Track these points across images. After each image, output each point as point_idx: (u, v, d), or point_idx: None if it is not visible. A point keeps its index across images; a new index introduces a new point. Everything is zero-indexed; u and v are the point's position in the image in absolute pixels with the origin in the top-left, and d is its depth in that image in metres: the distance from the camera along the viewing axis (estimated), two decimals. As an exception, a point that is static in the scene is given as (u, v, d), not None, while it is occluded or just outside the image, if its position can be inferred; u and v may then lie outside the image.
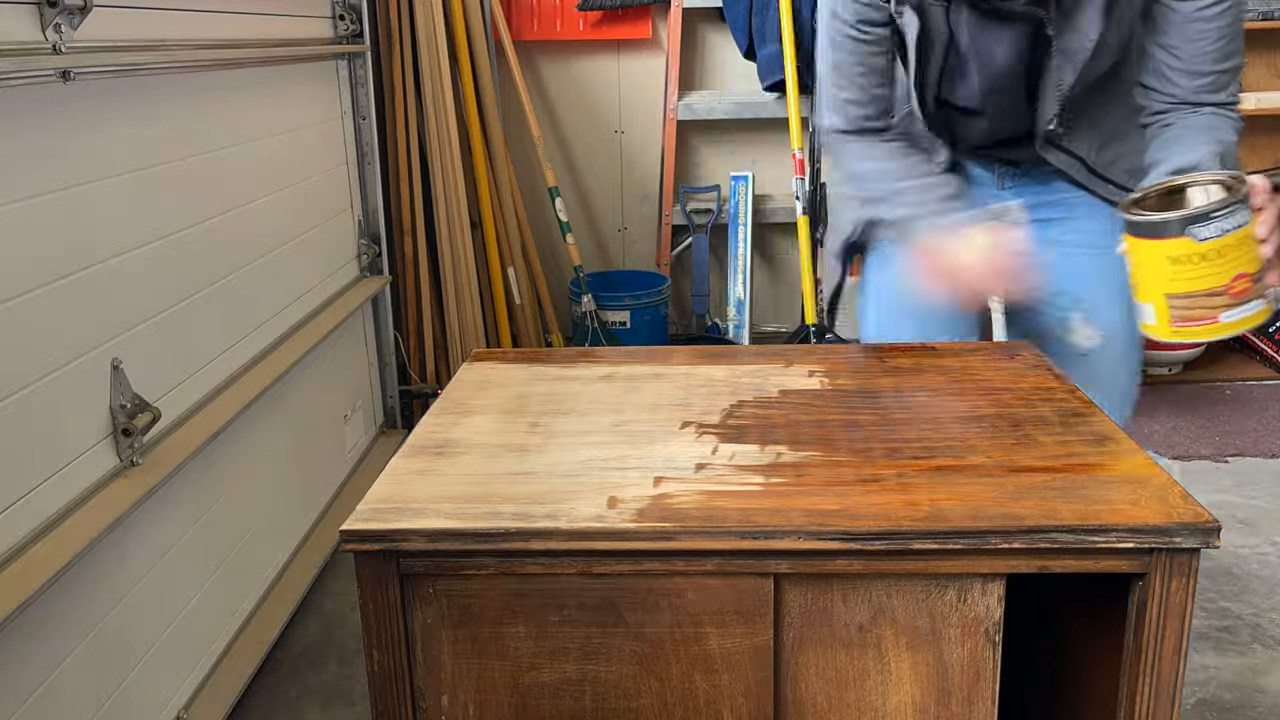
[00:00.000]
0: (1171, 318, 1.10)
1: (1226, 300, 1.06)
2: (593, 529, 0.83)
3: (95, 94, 1.56)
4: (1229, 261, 1.05)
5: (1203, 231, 1.04)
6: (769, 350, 1.29)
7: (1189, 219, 1.05)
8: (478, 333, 3.21)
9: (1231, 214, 1.04)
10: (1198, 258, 1.05)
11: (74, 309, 1.49)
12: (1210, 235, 1.04)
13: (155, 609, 1.70)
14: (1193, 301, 1.08)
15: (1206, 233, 1.04)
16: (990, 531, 0.82)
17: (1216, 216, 1.04)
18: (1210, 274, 1.06)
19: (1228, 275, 1.06)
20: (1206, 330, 1.09)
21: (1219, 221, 1.04)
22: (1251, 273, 1.06)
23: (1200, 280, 1.06)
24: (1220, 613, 2.16)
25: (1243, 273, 1.06)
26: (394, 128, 3.09)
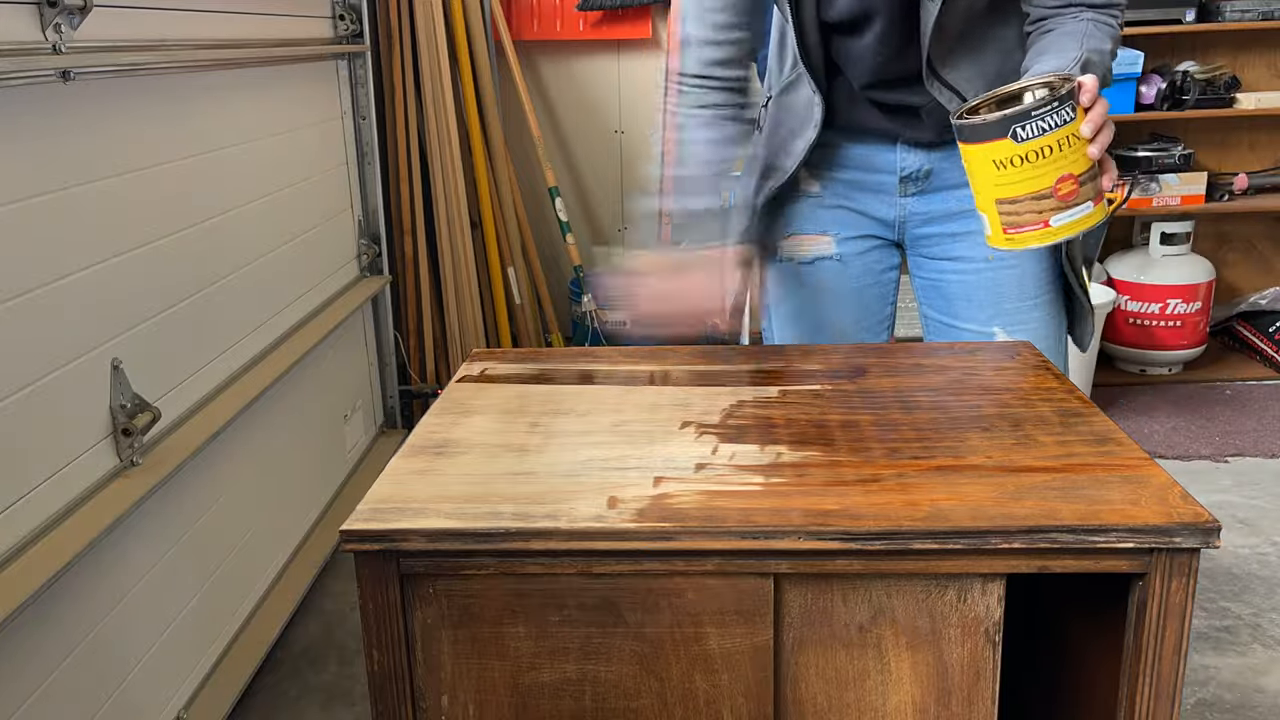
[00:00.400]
0: (1003, 224, 1.07)
1: (1054, 203, 1.04)
2: (593, 529, 0.83)
3: (95, 94, 1.56)
4: (1052, 163, 1.03)
5: (1022, 131, 1.02)
6: (769, 350, 1.29)
7: (1009, 119, 1.02)
8: (478, 333, 3.21)
9: (1051, 113, 1.01)
10: (1019, 159, 1.03)
11: (74, 309, 1.49)
12: (1029, 135, 1.02)
13: (155, 609, 1.70)
14: (1021, 206, 1.05)
15: (1025, 132, 1.02)
16: (990, 531, 0.82)
17: (1035, 115, 1.01)
18: (1034, 176, 1.03)
19: (1052, 177, 1.03)
20: (1037, 235, 1.06)
21: (1038, 120, 1.01)
22: (1077, 174, 1.04)
23: (1025, 183, 1.04)
24: (1220, 613, 2.16)
25: (1068, 173, 1.03)
26: (394, 128, 3.09)
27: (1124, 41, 3.54)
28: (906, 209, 1.43)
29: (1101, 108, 1.07)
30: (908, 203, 1.42)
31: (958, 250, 1.42)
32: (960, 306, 1.43)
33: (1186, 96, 3.26)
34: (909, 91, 1.33)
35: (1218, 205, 3.40)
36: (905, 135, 1.39)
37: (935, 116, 1.34)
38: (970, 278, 1.42)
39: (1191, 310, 3.39)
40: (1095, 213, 1.07)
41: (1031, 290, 1.39)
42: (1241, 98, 3.31)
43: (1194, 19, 3.23)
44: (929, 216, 1.42)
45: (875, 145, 1.41)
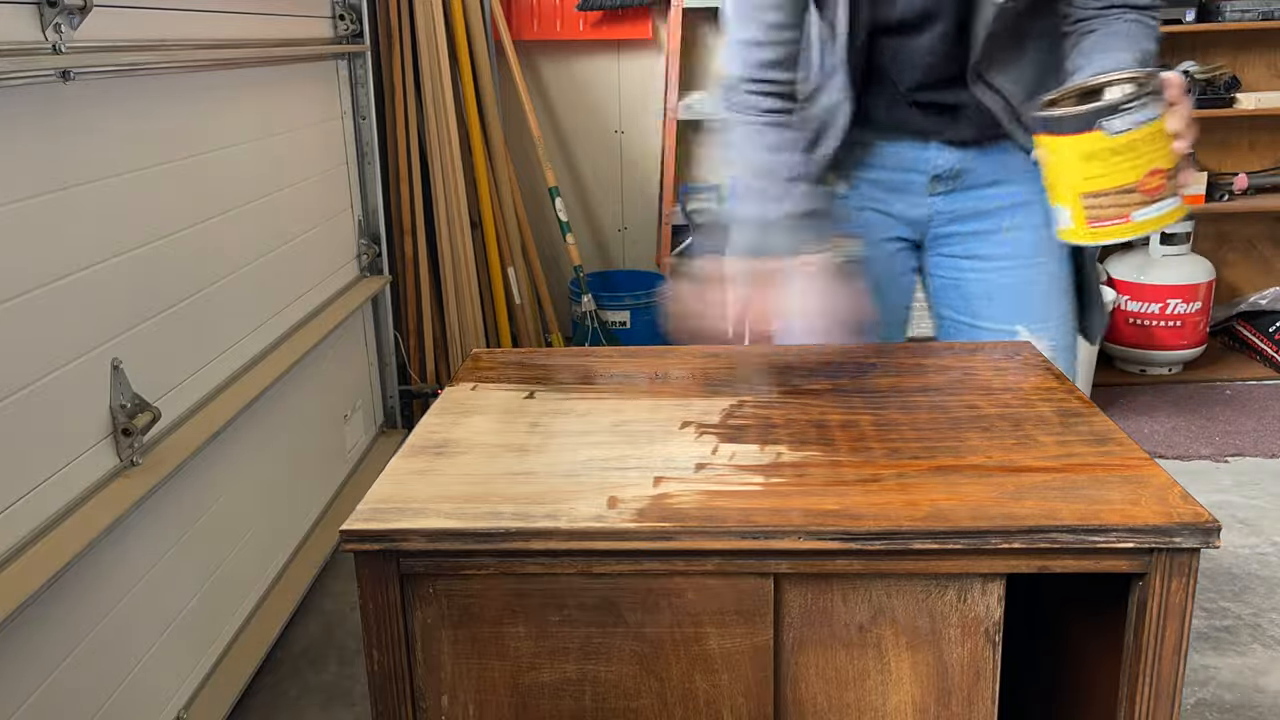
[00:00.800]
0: (1086, 218, 1.07)
1: (1140, 198, 1.04)
2: (593, 529, 0.83)
3: (95, 94, 1.56)
4: (1141, 156, 1.02)
5: (1114, 124, 1.01)
6: (769, 350, 1.29)
7: (1100, 111, 1.02)
8: (478, 333, 3.21)
9: (1143, 106, 1.01)
10: (1109, 152, 1.02)
11: (74, 309, 1.49)
12: (1121, 128, 1.02)
13: (155, 609, 1.70)
14: (1106, 200, 1.05)
15: (1117, 125, 1.01)
16: (990, 531, 0.82)
17: (1127, 109, 1.01)
18: (1123, 169, 1.03)
19: (1141, 170, 1.03)
20: (1120, 229, 1.06)
21: (1130, 114, 1.01)
22: (1165, 169, 1.04)
23: (1113, 177, 1.04)
24: (1220, 613, 2.16)
25: (1157, 168, 1.03)
26: (394, 128, 3.09)
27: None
28: (933, 208, 1.42)
29: (1188, 104, 1.07)
30: (935, 201, 1.42)
31: (980, 249, 1.41)
32: (981, 305, 1.42)
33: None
34: (952, 92, 1.33)
35: (1218, 205, 3.40)
36: (943, 134, 1.38)
37: (975, 115, 1.34)
38: (991, 276, 1.41)
39: (1191, 310, 3.39)
40: (1178, 209, 1.07)
41: (1055, 291, 1.40)
42: (1241, 98, 3.31)
43: (1194, 19, 3.23)
44: (954, 215, 1.42)
45: (909, 143, 1.40)
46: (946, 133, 1.38)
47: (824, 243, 1.26)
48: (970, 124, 1.35)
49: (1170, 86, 1.06)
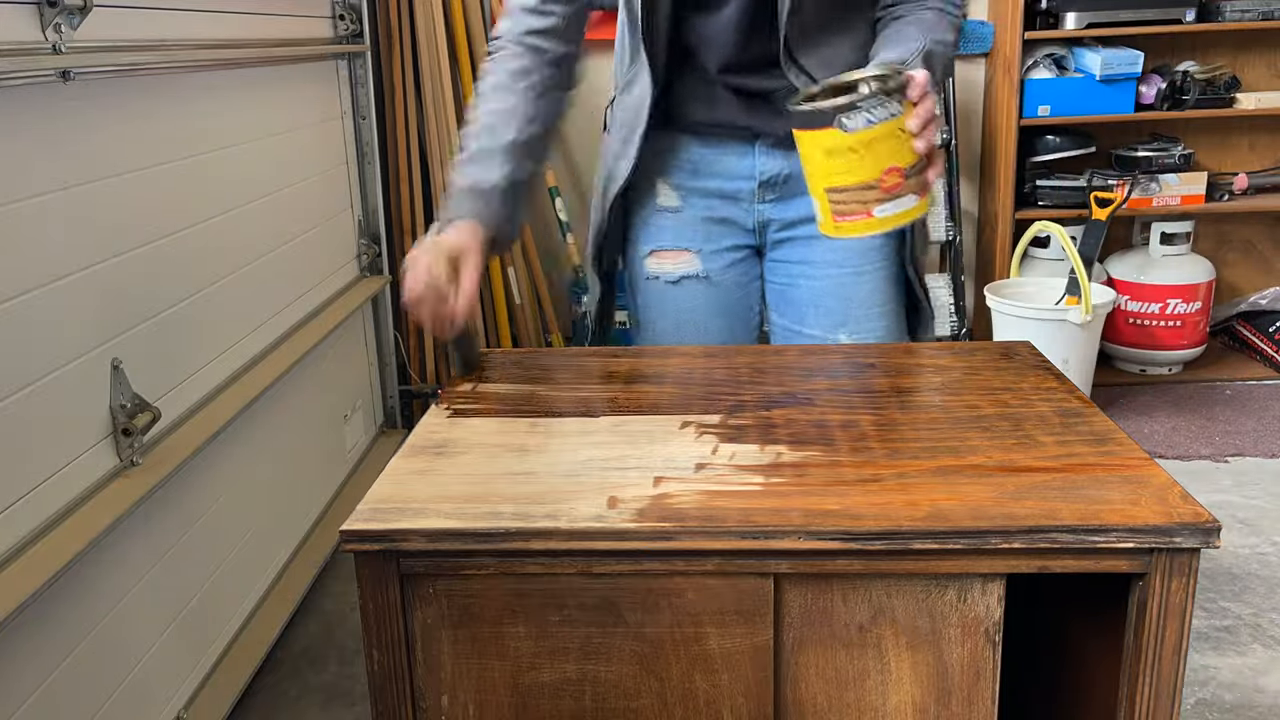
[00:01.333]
0: (832, 212, 1.09)
1: (879, 195, 1.05)
2: (593, 529, 0.83)
3: (95, 94, 1.56)
4: (878, 155, 1.04)
5: (850, 122, 1.03)
6: (769, 350, 1.29)
7: (837, 109, 1.03)
8: (478, 333, 3.21)
9: (880, 105, 1.02)
10: (847, 149, 1.04)
11: (74, 309, 1.49)
12: (857, 126, 1.03)
13: (155, 609, 1.70)
14: (848, 195, 1.07)
15: (853, 123, 1.03)
16: (990, 531, 0.82)
17: (863, 107, 1.02)
18: (861, 167, 1.04)
19: (878, 169, 1.04)
20: (862, 225, 1.08)
21: (866, 113, 1.02)
22: (903, 167, 1.05)
23: (852, 173, 1.05)
24: (1220, 613, 2.16)
25: (894, 166, 1.04)
26: (394, 128, 3.09)
27: (1124, 41, 3.52)
28: (765, 215, 1.42)
29: (930, 103, 1.07)
30: (765, 209, 1.41)
31: (810, 255, 1.41)
32: (808, 313, 1.42)
33: (1186, 96, 3.26)
34: (766, 76, 1.32)
35: (1218, 205, 3.40)
36: (764, 132, 1.37)
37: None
38: (819, 284, 1.41)
39: (1191, 310, 3.39)
40: (919, 206, 1.08)
41: (879, 298, 1.40)
42: (1241, 98, 3.31)
43: (1194, 19, 3.23)
44: (785, 222, 1.42)
45: (732, 146, 1.39)
46: (767, 129, 1.36)
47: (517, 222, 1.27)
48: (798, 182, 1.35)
49: (913, 86, 1.06)
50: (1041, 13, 3.23)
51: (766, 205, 1.41)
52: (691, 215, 1.42)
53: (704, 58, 1.33)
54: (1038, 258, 3.38)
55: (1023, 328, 2.95)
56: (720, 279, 1.43)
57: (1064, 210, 3.31)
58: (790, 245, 1.43)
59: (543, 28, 1.31)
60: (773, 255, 1.45)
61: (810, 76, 1.27)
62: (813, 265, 1.41)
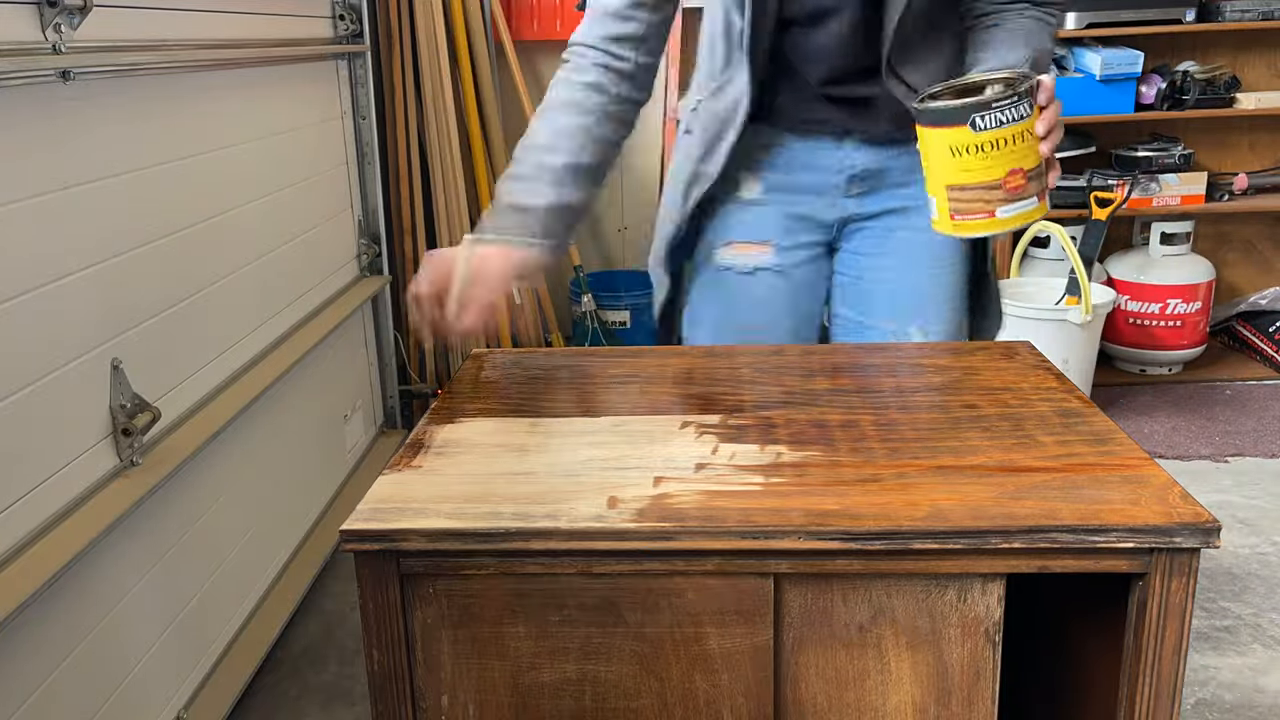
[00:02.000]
0: (951, 210, 1.10)
1: (1002, 195, 1.07)
2: (593, 529, 0.83)
3: (95, 94, 1.56)
4: (1005, 155, 1.05)
5: (981, 121, 1.04)
6: (769, 350, 1.29)
7: (969, 108, 1.05)
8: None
9: (1011, 107, 1.04)
10: (975, 148, 1.05)
11: (74, 309, 1.49)
12: (988, 126, 1.04)
13: (155, 609, 1.70)
14: (970, 194, 1.08)
15: (984, 123, 1.04)
16: (990, 531, 0.82)
17: (995, 108, 1.04)
18: (987, 166, 1.06)
19: (1003, 169, 1.06)
20: (982, 224, 1.09)
21: (997, 113, 1.04)
22: (1027, 169, 1.07)
23: (977, 172, 1.06)
24: (1220, 613, 2.16)
25: (1018, 168, 1.06)
26: (394, 128, 3.09)
27: (1124, 41, 3.52)
28: (848, 210, 1.40)
29: (1056, 107, 1.09)
30: (850, 204, 1.40)
31: (883, 247, 1.40)
32: (881, 305, 1.41)
33: (1186, 96, 3.26)
34: (864, 85, 1.31)
35: (1218, 205, 3.40)
36: (856, 129, 1.35)
37: (888, 108, 1.31)
38: (890, 275, 1.40)
39: (1191, 310, 3.39)
40: (1039, 208, 1.10)
41: (952, 294, 1.40)
42: (1241, 98, 3.31)
43: (1194, 19, 3.23)
44: (867, 215, 1.41)
45: (822, 141, 1.37)
46: (861, 129, 1.35)
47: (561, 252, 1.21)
48: (885, 118, 1.33)
49: (1043, 90, 1.08)
50: (1041, 13, 3.23)
51: (852, 200, 1.39)
52: (773, 209, 1.40)
53: (803, 69, 1.33)
54: (1038, 258, 3.38)
55: (1023, 328, 2.95)
56: (793, 274, 1.42)
57: (1064, 210, 3.31)
58: (864, 236, 1.41)
59: (626, 34, 1.25)
60: (847, 246, 1.43)
61: (910, 87, 1.28)
62: (887, 257, 1.40)
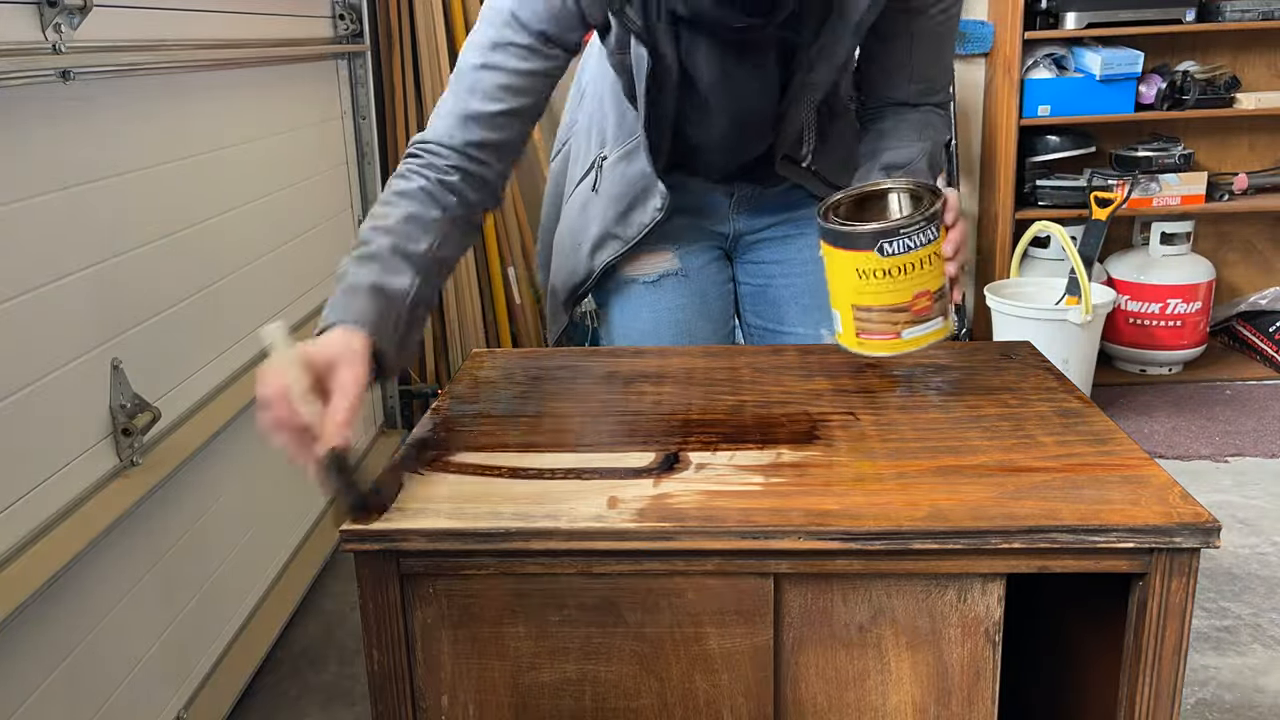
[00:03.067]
0: (856, 329, 1.08)
1: (909, 316, 1.05)
2: (593, 529, 0.84)
3: (95, 94, 1.56)
4: (912, 279, 1.04)
5: (889, 247, 1.02)
6: (769, 350, 1.29)
7: (877, 233, 1.03)
8: (478, 333, 3.21)
9: (919, 231, 1.02)
10: (882, 273, 1.03)
11: (74, 309, 1.49)
12: (896, 251, 1.02)
13: (155, 609, 1.70)
14: (876, 315, 1.06)
15: (892, 248, 1.02)
16: (990, 531, 0.82)
17: (904, 233, 1.02)
18: (894, 290, 1.04)
19: (910, 292, 1.04)
20: (888, 345, 1.07)
21: (905, 239, 1.02)
22: (933, 290, 1.05)
23: (883, 295, 1.05)
24: (1220, 613, 2.17)
25: (925, 290, 1.04)
26: (394, 128, 3.09)
27: (1124, 41, 3.52)
28: (739, 225, 1.43)
29: (963, 227, 1.08)
30: (740, 220, 1.43)
31: (785, 254, 1.42)
32: (789, 311, 1.43)
33: (1186, 96, 3.26)
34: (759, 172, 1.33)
35: (1218, 205, 3.40)
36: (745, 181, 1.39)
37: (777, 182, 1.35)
38: (796, 281, 1.41)
39: (1191, 310, 3.39)
40: (944, 328, 1.08)
41: None
42: (1241, 98, 3.31)
43: (1194, 19, 3.23)
44: (757, 228, 1.43)
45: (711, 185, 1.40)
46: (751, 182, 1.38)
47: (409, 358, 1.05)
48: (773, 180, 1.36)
49: (949, 209, 1.06)
50: (1041, 13, 3.23)
51: (741, 217, 1.43)
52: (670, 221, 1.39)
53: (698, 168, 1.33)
54: (1038, 258, 3.38)
55: (1023, 328, 2.95)
56: (697, 276, 1.43)
57: (1064, 210, 3.31)
58: (763, 246, 1.44)
59: (493, 141, 1.12)
60: (746, 258, 1.46)
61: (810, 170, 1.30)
62: (788, 264, 1.42)
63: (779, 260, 1.43)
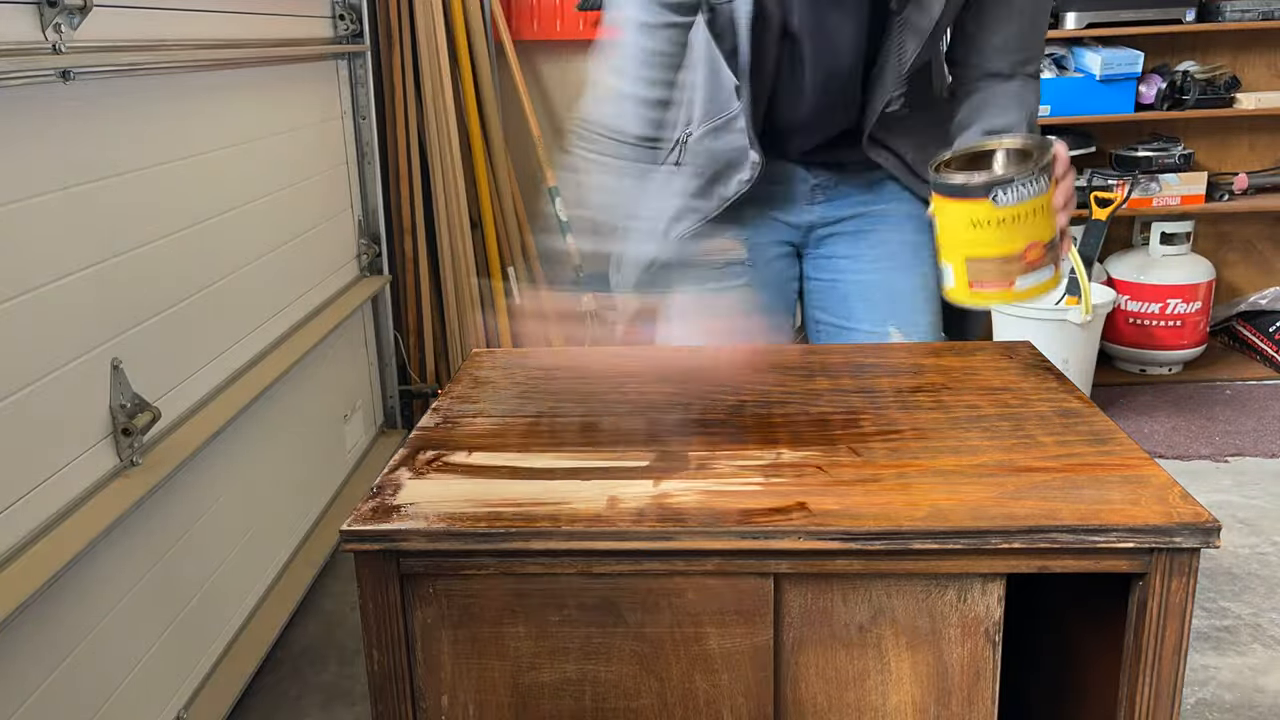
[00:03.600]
0: (969, 281, 1.09)
1: (1021, 267, 1.06)
2: (593, 529, 0.83)
3: (95, 94, 1.56)
4: (1025, 228, 1.05)
5: (1003, 197, 1.04)
6: (769, 349, 1.29)
7: (991, 183, 1.04)
8: (478, 333, 3.21)
9: (1033, 181, 1.04)
10: (996, 222, 1.05)
11: (74, 309, 1.49)
12: (1010, 201, 1.04)
13: (156, 608, 1.70)
14: (989, 265, 1.07)
15: (1006, 198, 1.04)
16: (990, 531, 0.82)
17: (1017, 182, 1.03)
18: (1007, 239, 1.05)
19: (1023, 242, 1.06)
20: (1000, 295, 1.09)
21: (1019, 188, 1.03)
22: (1045, 240, 1.07)
23: (997, 245, 1.06)
24: (1220, 613, 2.17)
25: (1037, 240, 1.06)
26: (394, 128, 3.09)
27: (1124, 41, 3.52)
28: (815, 215, 1.43)
29: (1072, 178, 1.10)
30: (816, 209, 1.42)
31: (856, 249, 1.42)
32: (857, 307, 1.42)
33: (1186, 96, 3.26)
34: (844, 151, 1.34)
35: (1218, 205, 3.40)
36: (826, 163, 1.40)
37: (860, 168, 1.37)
38: (867, 278, 1.41)
39: (1191, 310, 3.39)
40: (1055, 278, 1.09)
41: (926, 293, 1.40)
42: (1241, 98, 3.31)
43: (1194, 19, 3.23)
44: (832, 219, 1.42)
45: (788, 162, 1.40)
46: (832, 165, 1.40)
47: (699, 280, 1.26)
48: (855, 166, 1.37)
49: (1059, 161, 1.08)
50: (1041, 13, 3.23)
51: (818, 205, 1.42)
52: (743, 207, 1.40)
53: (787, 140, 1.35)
54: (1038, 258, 3.38)
55: (1023, 328, 2.95)
56: (764, 269, 1.43)
57: (1064, 210, 3.30)
58: (835, 241, 1.43)
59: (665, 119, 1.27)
60: (816, 252, 1.45)
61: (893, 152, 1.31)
62: (859, 259, 1.42)
63: (851, 255, 1.42)
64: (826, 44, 1.22)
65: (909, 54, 1.23)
